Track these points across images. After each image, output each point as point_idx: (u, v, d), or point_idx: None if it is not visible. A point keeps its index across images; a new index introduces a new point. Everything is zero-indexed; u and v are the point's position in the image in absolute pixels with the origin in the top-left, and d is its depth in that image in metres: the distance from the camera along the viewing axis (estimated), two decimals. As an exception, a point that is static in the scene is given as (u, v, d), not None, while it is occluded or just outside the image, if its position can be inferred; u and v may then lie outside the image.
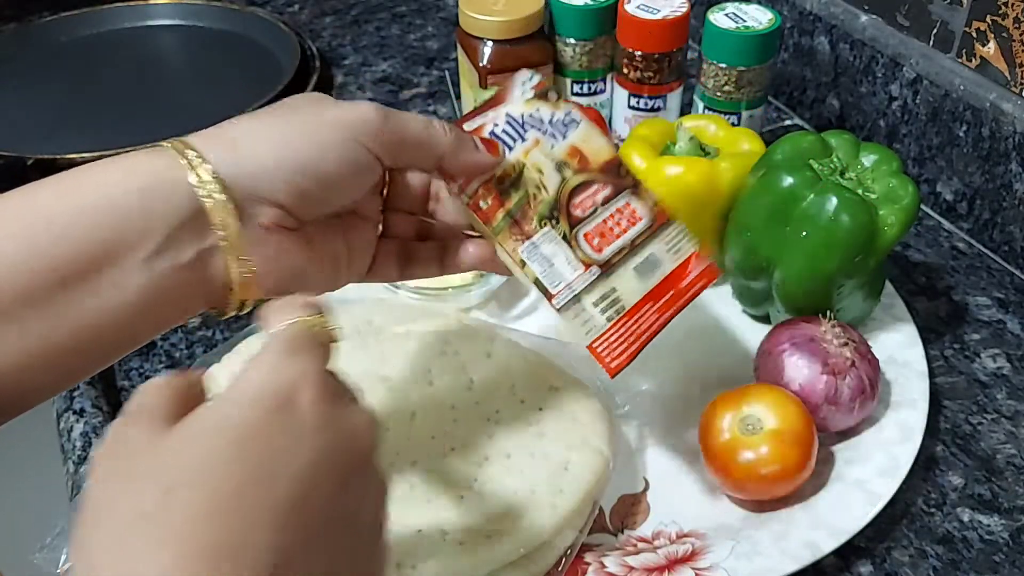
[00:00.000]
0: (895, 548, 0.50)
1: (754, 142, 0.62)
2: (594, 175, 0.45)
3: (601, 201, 0.45)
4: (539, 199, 0.45)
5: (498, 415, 0.50)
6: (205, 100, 0.87)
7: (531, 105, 0.46)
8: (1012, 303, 0.65)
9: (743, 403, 0.50)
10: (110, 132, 0.81)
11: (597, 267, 0.45)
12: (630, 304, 0.45)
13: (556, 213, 0.45)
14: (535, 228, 0.45)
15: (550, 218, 0.45)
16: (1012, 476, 0.54)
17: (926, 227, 0.72)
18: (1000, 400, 0.58)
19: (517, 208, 0.45)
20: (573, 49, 0.73)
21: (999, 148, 0.65)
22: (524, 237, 0.45)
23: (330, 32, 1.00)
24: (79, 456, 0.54)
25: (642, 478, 0.53)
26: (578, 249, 0.45)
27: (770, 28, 0.66)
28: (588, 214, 0.45)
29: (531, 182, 0.45)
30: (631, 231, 0.45)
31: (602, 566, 0.47)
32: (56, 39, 0.96)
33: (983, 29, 0.66)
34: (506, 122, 0.45)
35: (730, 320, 0.63)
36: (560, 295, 0.44)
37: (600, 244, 0.45)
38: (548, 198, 0.45)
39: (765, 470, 0.49)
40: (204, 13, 0.98)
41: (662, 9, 0.69)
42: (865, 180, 0.56)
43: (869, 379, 0.52)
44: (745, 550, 0.48)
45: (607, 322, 0.44)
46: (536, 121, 0.46)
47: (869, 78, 0.75)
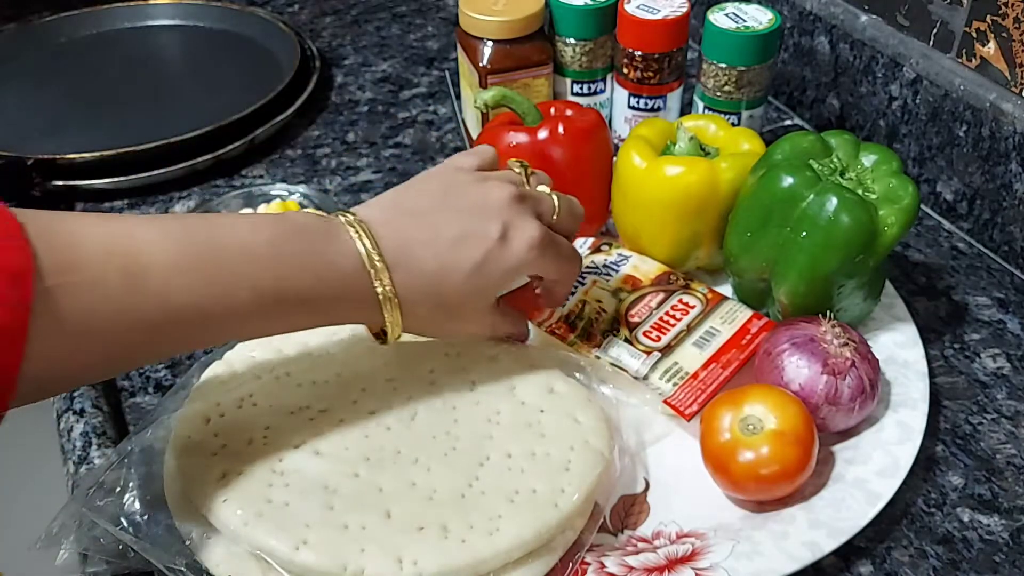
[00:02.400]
0: (895, 548, 0.50)
1: (754, 142, 0.62)
2: (646, 289, 0.60)
3: (655, 305, 0.58)
4: (601, 319, 0.58)
5: (499, 416, 0.50)
6: (205, 100, 0.87)
7: (587, 259, 0.62)
8: (1012, 303, 0.65)
9: (743, 403, 0.50)
10: (110, 132, 0.81)
11: (658, 352, 0.56)
12: (692, 370, 0.55)
13: (617, 325, 0.57)
14: (600, 340, 0.57)
15: (612, 331, 0.57)
16: (1012, 476, 0.54)
17: (926, 227, 0.72)
18: (1000, 400, 0.58)
19: (583, 332, 0.57)
20: (573, 49, 0.73)
21: (999, 148, 0.65)
22: (595, 346, 0.56)
23: (330, 32, 1.00)
24: (79, 456, 0.54)
25: (642, 478, 0.53)
26: (638, 344, 0.56)
27: (770, 28, 0.66)
28: (644, 318, 0.58)
29: (591, 311, 0.58)
30: (685, 319, 0.58)
31: (602, 566, 0.47)
32: (56, 39, 0.96)
33: (983, 29, 0.66)
34: None
35: (730, 320, 0.63)
36: None
37: (659, 336, 0.56)
38: (608, 316, 0.58)
39: (765, 470, 0.49)
40: (204, 13, 0.98)
41: (662, 9, 0.69)
42: (865, 180, 0.56)
43: (869, 379, 0.52)
44: (745, 550, 0.48)
45: (673, 387, 0.54)
46: (592, 268, 0.61)
47: (869, 78, 0.75)
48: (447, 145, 0.83)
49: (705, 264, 0.65)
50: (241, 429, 0.49)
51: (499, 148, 0.62)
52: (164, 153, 0.76)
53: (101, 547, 0.46)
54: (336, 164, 0.80)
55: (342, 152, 0.82)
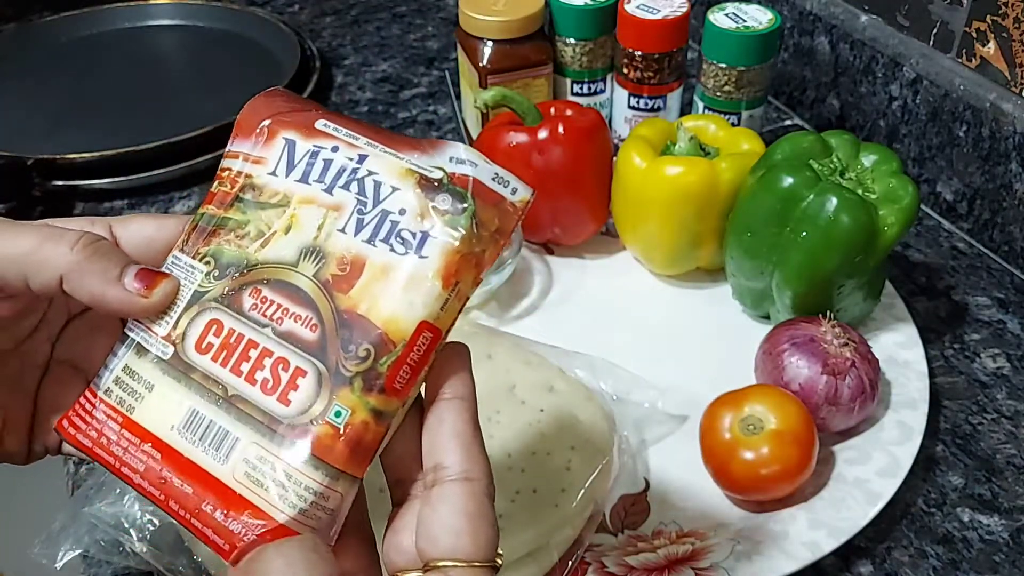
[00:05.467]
0: (895, 548, 0.50)
1: (754, 142, 0.62)
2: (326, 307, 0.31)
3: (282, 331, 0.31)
4: (242, 243, 0.33)
5: (499, 415, 0.50)
6: (205, 100, 0.87)
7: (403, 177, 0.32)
8: (1012, 303, 0.65)
9: (743, 403, 0.50)
10: (109, 132, 0.81)
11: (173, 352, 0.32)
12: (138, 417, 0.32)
13: (230, 273, 0.32)
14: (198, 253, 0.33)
15: (220, 268, 0.33)
16: (1012, 476, 0.54)
17: (926, 227, 0.72)
18: (1000, 400, 0.58)
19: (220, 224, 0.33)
20: (573, 49, 0.73)
21: (999, 148, 0.65)
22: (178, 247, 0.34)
23: (330, 32, 1.00)
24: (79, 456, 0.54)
25: (642, 478, 0.53)
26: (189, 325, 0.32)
27: (770, 28, 0.66)
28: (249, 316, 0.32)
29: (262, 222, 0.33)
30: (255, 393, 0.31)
31: (602, 566, 0.47)
32: (56, 39, 0.96)
33: (983, 29, 0.66)
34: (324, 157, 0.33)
35: (730, 320, 0.63)
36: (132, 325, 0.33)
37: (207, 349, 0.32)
38: (248, 254, 0.33)
39: (765, 470, 0.49)
40: (204, 13, 0.98)
41: (662, 9, 0.69)
42: (865, 180, 0.56)
43: (869, 379, 0.52)
44: (745, 550, 0.48)
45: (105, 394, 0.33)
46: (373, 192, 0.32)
47: (869, 78, 0.75)
48: (447, 145, 0.83)
49: (705, 264, 0.65)
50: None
51: (499, 148, 0.62)
52: (164, 153, 0.76)
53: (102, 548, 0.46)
54: (336, 164, 0.80)
55: (342, 152, 0.82)
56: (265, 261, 0.32)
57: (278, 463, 0.29)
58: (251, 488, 0.29)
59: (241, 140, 0.34)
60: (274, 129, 0.34)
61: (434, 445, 0.30)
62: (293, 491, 0.29)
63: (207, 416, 0.31)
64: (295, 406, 0.30)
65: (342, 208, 0.32)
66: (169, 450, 0.31)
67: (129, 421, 0.31)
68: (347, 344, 0.30)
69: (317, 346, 0.30)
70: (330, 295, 0.31)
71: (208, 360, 0.31)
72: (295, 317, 0.31)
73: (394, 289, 0.31)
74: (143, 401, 0.32)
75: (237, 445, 0.30)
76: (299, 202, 0.33)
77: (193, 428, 0.31)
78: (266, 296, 0.32)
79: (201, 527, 0.29)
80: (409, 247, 0.31)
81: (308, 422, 0.30)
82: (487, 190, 0.32)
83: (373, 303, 0.30)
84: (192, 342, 0.32)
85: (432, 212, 0.31)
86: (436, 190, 0.32)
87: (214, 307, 0.32)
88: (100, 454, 0.32)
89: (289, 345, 0.31)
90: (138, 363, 0.32)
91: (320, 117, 0.34)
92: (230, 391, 0.31)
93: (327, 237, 0.32)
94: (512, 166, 0.62)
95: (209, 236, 0.33)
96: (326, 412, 0.30)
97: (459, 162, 0.32)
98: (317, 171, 0.33)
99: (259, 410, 0.30)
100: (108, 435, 0.32)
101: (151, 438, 0.31)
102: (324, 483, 0.29)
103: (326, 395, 0.30)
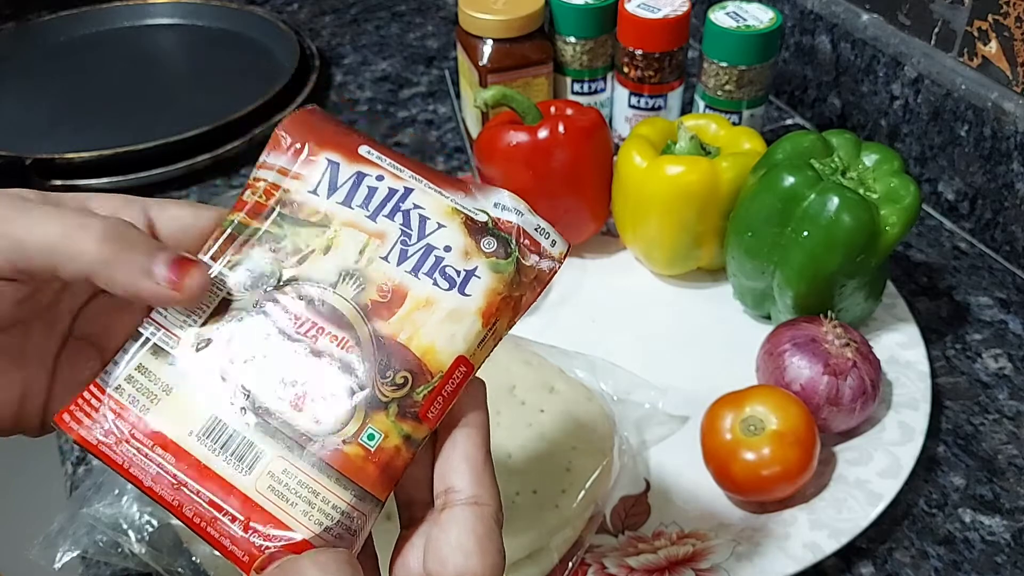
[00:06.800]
0: (896, 549, 0.50)
1: (755, 141, 0.62)
2: (364, 331, 0.31)
3: (316, 348, 0.31)
4: (278, 256, 0.33)
5: (499, 416, 0.50)
6: (204, 99, 0.87)
7: (449, 216, 0.33)
8: (1014, 303, 0.65)
9: (744, 404, 0.50)
10: (108, 131, 0.81)
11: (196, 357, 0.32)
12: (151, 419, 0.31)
13: (263, 284, 0.32)
14: (227, 260, 0.33)
15: (254, 278, 0.32)
16: (1014, 477, 0.54)
17: (928, 227, 0.72)
18: (1002, 400, 0.58)
19: (252, 235, 0.33)
20: (573, 48, 0.72)
21: (1001, 148, 0.65)
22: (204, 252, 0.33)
23: (329, 31, 1.00)
24: (77, 457, 0.54)
25: (643, 479, 0.53)
26: (216, 331, 0.32)
27: (771, 27, 0.66)
28: (281, 330, 0.32)
29: (300, 239, 0.33)
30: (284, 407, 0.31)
31: (602, 567, 0.47)
32: (55, 38, 0.95)
33: (985, 28, 0.66)
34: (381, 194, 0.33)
35: (731, 320, 0.63)
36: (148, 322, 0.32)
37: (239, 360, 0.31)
38: (284, 268, 0.32)
39: (766, 471, 0.48)
40: (203, 12, 0.98)
41: (663, 8, 0.69)
42: (866, 180, 0.56)
43: (870, 379, 0.52)
44: (746, 551, 0.48)
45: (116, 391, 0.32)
46: (418, 226, 0.33)
47: (870, 77, 0.75)
48: (447, 144, 0.82)
49: (706, 264, 0.65)
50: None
51: (499, 147, 0.62)
52: (163, 152, 0.76)
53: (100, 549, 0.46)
54: (335, 163, 0.80)
55: (342, 151, 0.81)
56: (301, 278, 0.32)
57: (305, 479, 0.30)
58: (275, 502, 0.29)
59: (277, 153, 0.34)
60: (316, 148, 0.34)
61: (447, 469, 0.30)
62: (319, 508, 0.29)
63: (230, 425, 0.30)
64: (327, 425, 0.30)
65: (385, 237, 0.32)
66: (186, 455, 0.30)
67: (142, 422, 0.31)
68: (384, 369, 0.31)
69: (353, 368, 0.31)
70: (369, 319, 0.31)
71: (234, 369, 0.31)
72: (331, 337, 0.31)
73: (435, 322, 0.31)
74: (158, 403, 0.31)
75: (262, 457, 0.30)
76: (340, 224, 0.33)
77: (214, 436, 0.30)
78: (299, 313, 0.32)
79: (217, 536, 0.29)
80: (453, 283, 0.32)
81: (340, 442, 0.30)
82: (530, 239, 0.33)
83: (414, 333, 0.31)
84: (218, 349, 0.31)
85: (478, 253, 0.32)
86: (481, 232, 0.33)
87: (243, 317, 0.32)
88: (107, 453, 0.31)
89: (323, 363, 0.31)
90: (155, 363, 0.32)
91: (364, 143, 0.34)
92: (257, 403, 0.31)
93: (368, 263, 0.32)
94: (512, 165, 0.62)
95: (241, 245, 0.33)
96: (359, 434, 0.30)
97: (504, 208, 0.33)
98: (361, 197, 0.33)
99: (288, 425, 0.30)
100: (116, 434, 0.31)
101: (166, 441, 0.31)
102: (351, 503, 0.29)
103: (360, 417, 0.30)
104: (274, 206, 0.33)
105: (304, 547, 0.29)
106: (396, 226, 0.33)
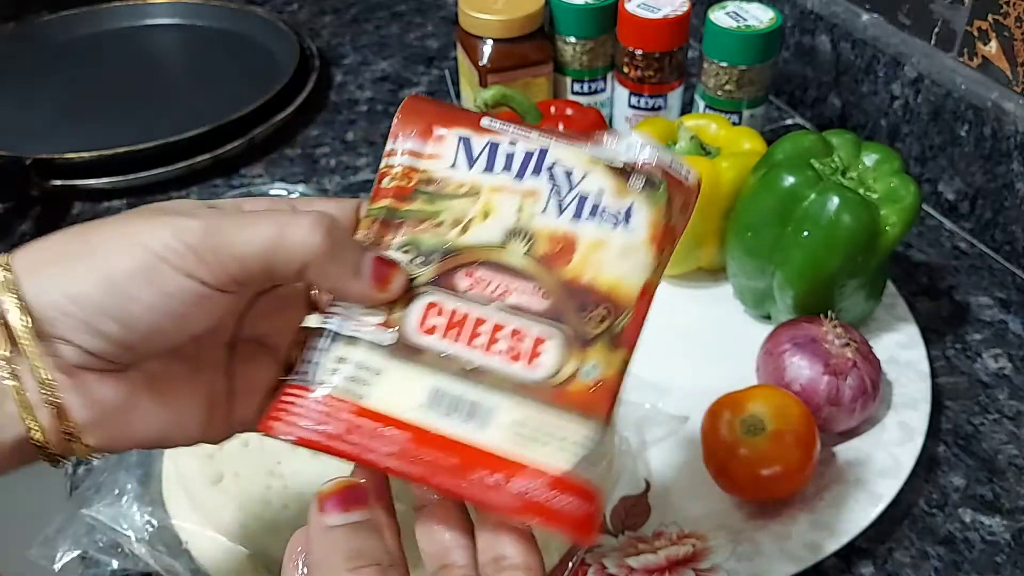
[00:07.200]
0: (897, 549, 0.50)
1: (755, 141, 0.62)
2: (549, 278, 0.33)
3: (508, 304, 0.33)
4: (439, 230, 0.34)
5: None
6: (204, 99, 0.86)
7: (590, 164, 0.35)
8: (1014, 303, 0.65)
9: (744, 404, 0.50)
10: (108, 131, 0.81)
11: (396, 338, 0.32)
12: (371, 403, 0.32)
13: (435, 259, 0.33)
14: (390, 244, 0.34)
15: (422, 255, 0.33)
16: (1014, 477, 0.54)
17: (928, 227, 0.72)
18: (1002, 400, 0.58)
19: (406, 216, 0.34)
20: (573, 48, 0.72)
21: (1001, 148, 0.65)
22: (373, 243, 0.34)
23: (329, 31, 1.00)
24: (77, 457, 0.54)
25: (643, 479, 0.53)
26: (405, 309, 0.33)
27: (771, 27, 0.66)
28: (468, 296, 0.33)
29: (456, 211, 0.34)
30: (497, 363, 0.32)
31: (602, 567, 0.47)
32: (55, 39, 0.95)
33: (985, 28, 0.66)
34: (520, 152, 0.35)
35: (731, 320, 0.63)
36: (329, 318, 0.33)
37: (432, 330, 0.32)
38: (449, 239, 0.34)
39: (766, 471, 0.48)
40: (203, 12, 0.98)
41: (663, 8, 0.69)
42: (866, 180, 0.56)
43: (871, 379, 0.52)
44: (746, 551, 0.48)
45: (324, 387, 0.32)
46: (565, 178, 0.35)
47: (870, 77, 0.75)
48: (447, 144, 0.82)
49: (706, 264, 0.65)
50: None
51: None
52: (163, 152, 0.76)
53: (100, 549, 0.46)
54: (335, 163, 0.80)
55: (341, 151, 0.81)
56: (469, 245, 0.34)
57: (542, 422, 0.31)
58: (520, 450, 0.31)
59: (404, 139, 0.36)
60: (441, 127, 0.36)
61: (495, 539, 0.31)
62: (563, 446, 0.31)
63: (451, 391, 0.32)
64: (544, 369, 0.32)
65: (537, 194, 0.34)
66: (417, 428, 0.31)
67: (361, 409, 0.31)
68: (582, 309, 0.33)
69: (552, 314, 0.33)
70: (549, 269, 0.33)
71: (436, 340, 0.32)
72: (520, 291, 0.33)
73: (611, 259, 0.33)
74: (372, 388, 0.32)
75: (494, 413, 0.31)
76: (490, 191, 0.35)
77: (439, 405, 0.31)
78: (481, 276, 0.33)
79: (476, 495, 0.30)
80: (616, 222, 0.34)
81: (562, 382, 0.32)
82: (670, 173, 0.35)
83: (596, 273, 0.33)
84: (414, 326, 0.32)
85: (628, 192, 0.34)
86: (626, 174, 0.35)
87: (427, 291, 0.33)
88: (334, 446, 0.31)
89: (521, 316, 0.32)
90: (355, 352, 0.32)
91: (483, 116, 0.36)
92: (469, 366, 0.32)
93: (530, 219, 0.34)
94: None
95: (397, 228, 0.34)
96: (579, 371, 0.32)
97: (639, 149, 0.35)
98: (501, 163, 0.35)
99: (506, 378, 0.32)
100: (337, 426, 0.31)
101: (391, 421, 0.31)
102: (588, 434, 0.31)
103: (575, 355, 0.32)
104: (417, 186, 0.35)
105: (560, 484, 0.30)
106: (544, 182, 0.34)
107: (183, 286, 0.30)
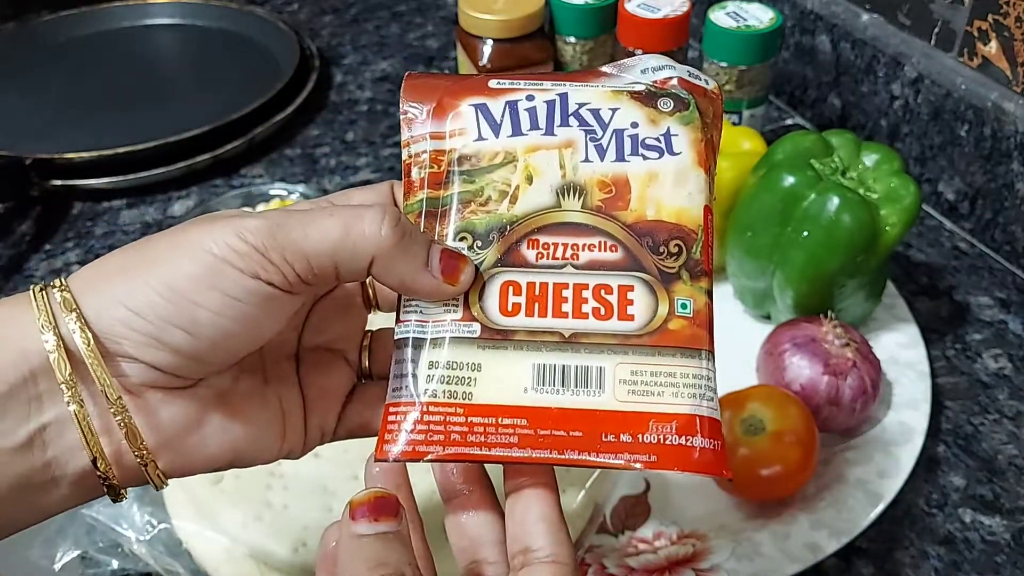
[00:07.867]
0: (896, 549, 0.50)
1: (755, 141, 0.62)
2: (613, 227, 0.32)
3: (583, 263, 0.32)
4: (488, 208, 0.33)
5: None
6: (204, 99, 0.86)
7: (614, 98, 0.34)
8: (1014, 303, 0.65)
9: (744, 404, 0.50)
10: (109, 131, 0.81)
11: (481, 327, 0.32)
12: (480, 399, 0.31)
13: (494, 238, 0.32)
14: (444, 236, 0.33)
15: (480, 238, 0.32)
16: (1014, 477, 0.54)
17: (928, 227, 0.72)
18: (1002, 401, 0.58)
19: (449, 202, 0.33)
20: (573, 48, 0.72)
21: (1001, 148, 0.65)
22: None
23: (329, 31, 1.00)
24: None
25: (643, 479, 0.53)
26: (482, 297, 0.32)
27: (771, 27, 0.66)
28: (540, 265, 0.32)
29: (498, 183, 0.33)
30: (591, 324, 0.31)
31: (602, 567, 0.47)
32: (55, 38, 0.95)
33: (985, 28, 0.66)
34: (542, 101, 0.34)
35: (731, 320, 0.63)
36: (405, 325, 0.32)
37: (516, 309, 0.32)
38: (503, 214, 0.32)
39: (766, 471, 0.48)
40: (203, 12, 0.98)
41: (663, 8, 0.69)
42: (866, 180, 0.56)
43: (871, 379, 0.52)
44: (746, 551, 0.48)
45: (427, 396, 0.31)
46: (595, 119, 0.34)
47: (870, 77, 0.75)
48: (447, 144, 0.82)
49: (706, 264, 0.65)
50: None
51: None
52: (163, 152, 0.76)
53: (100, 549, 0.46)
54: (335, 163, 0.80)
55: (341, 151, 0.81)
56: (524, 214, 0.33)
57: (653, 370, 0.31)
58: (641, 402, 0.30)
59: (419, 124, 0.34)
60: (452, 101, 0.34)
61: (523, 530, 0.30)
62: (681, 385, 0.31)
63: (555, 364, 0.31)
64: (640, 318, 0.31)
65: (573, 143, 0.33)
66: (533, 410, 0.30)
67: (471, 408, 0.31)
68: (655, 248, 0.32)
69: (628, 261, 0.32)
70: (610, 216, 0.32)
71: (523, 319, 0.31)
72: (588, 247, 0.32)
73: (667, 189, 0.33)
74: (476, 384, 0.31)
75: (604, 373, 0.31)
76: (526, 152, 0.33)
77: (547, 380, 0.31)
78: (546, 242, 0.32)
79: (612, 459, 0.30)
80: (660, 151, 0.33)
81: (660, 324, 0.31)
82: (692, 85, 0.34)
83: (657, 207, 0.32)
84: (496, 311, 0.32)
85: (661, 116, 0.33)
86: (651, 98, 0.34)
87: (497, 272, 0.32)
88: (456, 453, 0.30)
89: (599, 272, 0.32)
90: (444, 354, 0.31)
91: (488, 78, 0.35)
92: (566, 334, 0.31)
93: (575, 171, 0.33)
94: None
95: (443, 217, 0.33)
96: (673, 310, 0.32)
97: (656, 69, 0.35)
98: (526, 121, 0.34)
99: (605, 336, 0.31)
100: (453, 433, 0.30)
101: (504, 411, 0.31)
102: (699, 367, 0.31)
103: (665, 296, 0.32)
104: (451, 168, 0.33)
105: (689, 426, 0.30)
106: (576, 129, 0.33)
107: (249, 288, 0.29)
